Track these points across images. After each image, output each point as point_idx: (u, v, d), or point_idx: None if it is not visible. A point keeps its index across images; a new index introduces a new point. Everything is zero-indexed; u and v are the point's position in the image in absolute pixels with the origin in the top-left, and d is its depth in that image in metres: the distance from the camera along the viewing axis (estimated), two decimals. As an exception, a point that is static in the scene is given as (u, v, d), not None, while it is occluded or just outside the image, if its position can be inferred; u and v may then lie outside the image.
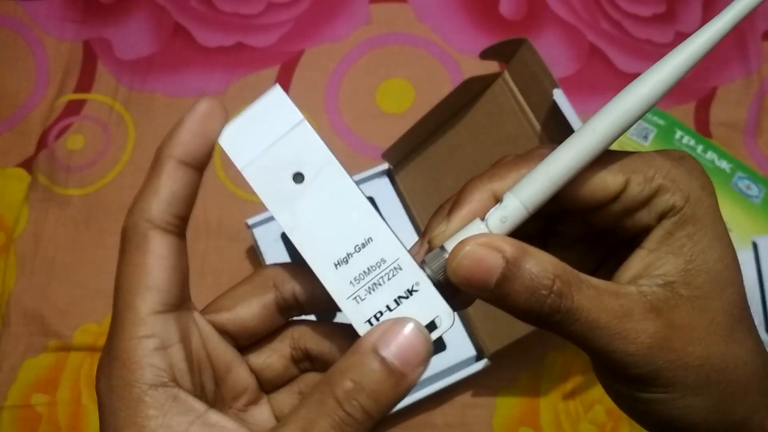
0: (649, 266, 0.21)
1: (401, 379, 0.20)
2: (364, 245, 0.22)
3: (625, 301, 0.20)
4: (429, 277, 0.22)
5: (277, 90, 0.22)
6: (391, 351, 0.20)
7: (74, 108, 0.64)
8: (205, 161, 0.22)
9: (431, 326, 0.22)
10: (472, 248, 0.20)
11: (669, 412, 0.21)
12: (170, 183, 0.21)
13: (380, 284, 0.22)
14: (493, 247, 0.20)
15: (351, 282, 0.22)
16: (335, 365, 0.20)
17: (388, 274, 0.22)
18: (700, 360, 0.20)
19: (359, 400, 0.19)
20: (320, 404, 0.20)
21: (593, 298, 0.20)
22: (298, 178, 0.22)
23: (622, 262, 0.22)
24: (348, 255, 0.22)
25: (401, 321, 0.21)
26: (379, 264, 0.22)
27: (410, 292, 0.21)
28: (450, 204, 0.23)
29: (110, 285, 0.55)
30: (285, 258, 0.54)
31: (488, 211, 0.22)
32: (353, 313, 0.22)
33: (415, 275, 0.22)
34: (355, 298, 0.22)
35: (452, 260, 0.20)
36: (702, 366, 0.21)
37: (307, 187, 0.22)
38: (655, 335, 0.20)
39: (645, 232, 0.22)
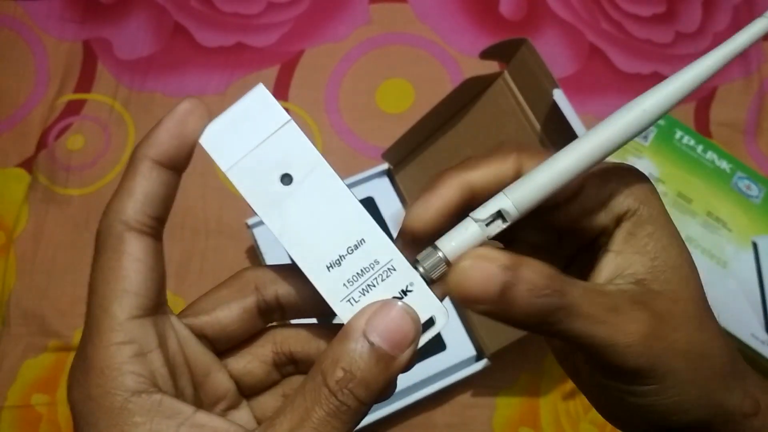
0: (619, 267, 0.22)
1: (390, 362, 0.20)
2: (356, 247, 0.21)
3: (610, 297, 0.21)
4: (422, 276, 0.22)
5: (261, 89, 0.21)
6: (379, 335, 0.20)
7: (74, 108, 0.64)
8: (182, 162, 0.21)
9: (427, 325, 0.21)
10: (472, 263, 0.20)
11: (663, 403, 0.22)
12: (145, 184, 0.20)
13: (374, 285, 0.22)
14: (490, 259, 0.20)
15: (344, 284, 0.22)
16: (325, 352, 0.20)
17: (382, 275, 0.21)
18: (686, 346, 0.21)
19: (351, 389, 0.20)
20: (314, 393, 0.20)
21: (584, 294, 0.21)
22: (286, 179, 0.21)
23: (584, 271, 0.23)
24: (341, 257, 0.22)
25: (387, 303, 0.21)
26: (372, 265, 0.21)
27: (404, 292, 0.21)
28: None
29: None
30: (285, 258, 0.54)
31: (458, 199, 0.22)
32: (348, 316, 0.21)
33: (408, 276, 0.22)
34: (349, 300, 0.22)
35: (453, 278, 0.20)
36: (688, 352, 0.21)
37: (295, 189, 0.21)
38: (647, 324, 0.21)
39: (603, 234, 0.23)
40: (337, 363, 0.20)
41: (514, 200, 0.21)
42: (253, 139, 0.21)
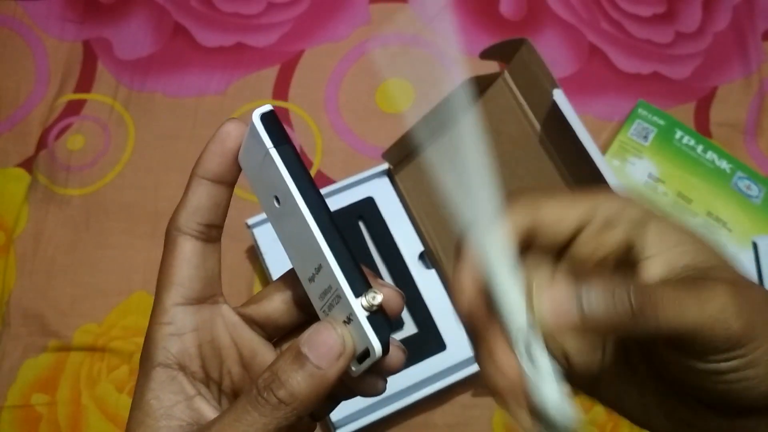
0: (668, 264, 0.22)
1: (314, 371, 0.22)
2: (317, 271, 0.23)
3: (680, 282, 0.21)
4: (364, 308, 0.22)
5: (255, 115, 0.23)
6: (306, 345, 0.22)
7: (74, 108, 0.64)
8: (227, 176, 0.24)
9: (365, 354, 0.22)
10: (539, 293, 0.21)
11: (747, 376, 0.20)
12: (192, 197, 0.24)
13: (333, 305, 0.23)
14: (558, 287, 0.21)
15: (319, 296, 0.23)
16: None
17: (335, 300, 0.23)
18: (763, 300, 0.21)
19: (273, 388, 0.22)
20: (248, 392, 0.22)
21: (660, 285, 0.20)
22: (276, 200, 0.23)
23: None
24: (313, 275, 0.23)
25: (326, 323, 0.23)
26: (329, 289, 0.23)
27: (348, 319, 0.22)
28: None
29: (110, 285, 0.55)
30: (285, 258, 0.54)
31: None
32: None
33: (347, 309, 0.22)
34: (323, 310, 0.23)
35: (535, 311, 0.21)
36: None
37: (282, 210, 0.23)
38: (729, 285, 0.20)
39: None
40: (270, 367, 0.22)
41: None
42: (256, 161, 0.23)
